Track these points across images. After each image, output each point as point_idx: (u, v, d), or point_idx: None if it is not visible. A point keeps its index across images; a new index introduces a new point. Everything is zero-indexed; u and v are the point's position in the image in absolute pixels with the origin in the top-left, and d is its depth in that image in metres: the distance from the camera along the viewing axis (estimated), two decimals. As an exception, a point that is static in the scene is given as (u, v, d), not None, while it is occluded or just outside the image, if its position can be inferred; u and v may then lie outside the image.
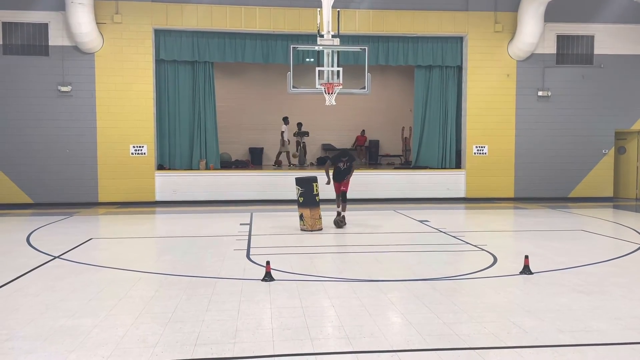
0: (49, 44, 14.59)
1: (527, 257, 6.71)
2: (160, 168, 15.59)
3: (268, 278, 6.20)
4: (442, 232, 9.98)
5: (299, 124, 18.48)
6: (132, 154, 15.00)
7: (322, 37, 10.74)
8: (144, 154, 15.05)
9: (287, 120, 18.06)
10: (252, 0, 15.19)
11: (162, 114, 15.69)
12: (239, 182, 15.57)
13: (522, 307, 5.23)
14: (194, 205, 14.68)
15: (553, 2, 15.16)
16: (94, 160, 14.87)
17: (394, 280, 6.25)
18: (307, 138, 18.81)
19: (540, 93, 16.07)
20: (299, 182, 10.07)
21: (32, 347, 4.22)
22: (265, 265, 6.36)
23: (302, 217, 10.00)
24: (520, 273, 6.55)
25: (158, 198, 15.14)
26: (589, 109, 16.25)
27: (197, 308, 5.17)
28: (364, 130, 21.33)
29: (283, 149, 18.09)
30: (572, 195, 16.33)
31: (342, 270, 6.88)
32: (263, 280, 6.17)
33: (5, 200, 14.45)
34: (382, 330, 4.56)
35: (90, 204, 14.71)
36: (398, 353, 4.07)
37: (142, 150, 15.03)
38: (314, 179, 10.09)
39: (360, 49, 11.67)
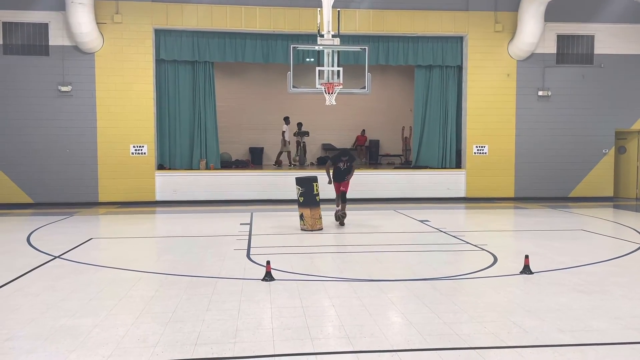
0: (49, 44, 14.59)
1: (527, 256, 6.72)
2: (161, 168, 15.59)
3: (268, 278, 6.20)
4: (442, 231, 9.98)
5: (299, 124, 18.47)
6: (132, 154, 15.00)
7: (322, 36, 10.74)
8: (144, 154, 15.06)
9: (288, 120, 18.06)
10: (252, 0, 15.18)
11: (162, 114, 15.68)
12: (239, 182, 15.58)
13: (522, 306, 5.23)
14: (194, 205, 14.68)
15: (553, 1, 15.16)
16: (94, 160, 14.87)
17: (395, 280, 6.25)
18: (307, 138, 18.81)
19: (541, 93, 16.07)
20: (299, 181, 10.08)
21: (32, 346, 4.22)
22: (266, 265, 6.36)
23: (302, 216, 10.00)
24: (521, 273, 6.56)
25: (158, 198, 15.15)
26: (589, 109, 16.25)
27: (197, 308, 5.17)
28: (364, 130, 21.34)
29: (284, 149, 18.09)
30: (572, 195, 16.33)
31: (342, 270, 6.88)
32: (263, 280, 6.17)
33: (6, 200, 14.46)
34: (382, 330, 4.56)
35: (91, 204, 14.72)
36: (398, 353, 4.07)
37: (142, 150, 15.03)
38: (314, 179, 10.09)
39: (361, 49, 11.66)
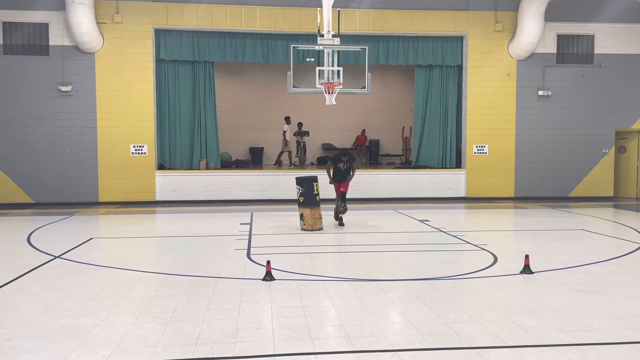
0: (50, 44, 14.59)
1: (527, 256, 6.72)
2: (161, 168, 15.59)
3: (268, 277, 6.20)
4: (442, 231, 9.98)
5: (300, 124, 18.47)
6: (132, 154, 15.00)
7: (322, 36, 10.74)
8: (145, 154, 15.06)
9: (289, 120, 18.05)
10: (252, 0, 15.19)
11: (162, 114, 15.68)
12: (240, 181, 15.58)
13: (522, 306, 5.23)
14: (195, 205, 14.68)
15: (553, 1, 15.16)
16: (95, 160, 14.88)
17: (395, 280, 6.25)
18: (307, 138, 18.81)
19: (541, 92, 16.07)
20: (300, 181, 10.08)
21: (33, 346, 4.22)
22: (266, 265, 6.36)
23: (302, 216, 10.00)
24: (521, 272, 6.56)
25: (158, 198, 15.15)
26: (590, 109, 16.25)
27: (197, 307, 5.17)
28: (365, 130, 21.34)
29: (286, 149, 18.08)
30: (572, 195, 16.33)
31: (342, 270, 6.88)
32: (263, 280, 6.17)
33: (6, 200, 14.46)
34: (382, 330, 4.56)
35: (91, 204, 14.72)
36: (399, 352, 4.07)
37: (142, 150, 15.03)
38: (315, 179, 10.10)
39: (361, 49, 11.65)
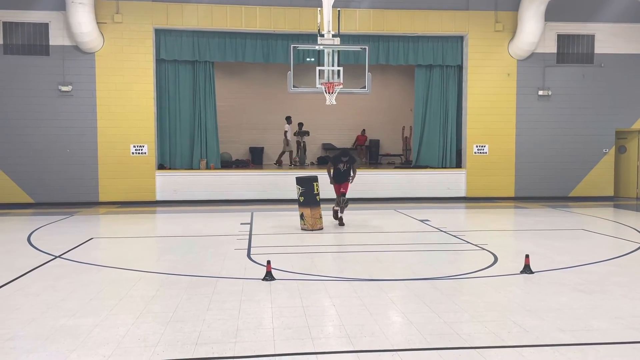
0: (50, 44, 14.59)
1: (527, 256, 6.72)
2: (161, 168, 15.59)
3: (269, 277, 6.20)
4: (442, 231, 9.98)
5: (300, 124, 18.47)
6: (132, 154, 15.00)
7: (322, 36, 10.74)
8: (145, 154, 15.06)
9: (290, 120, 18.05)
10: (252, 0, 15.19)
11: (162, 114, 15.68)
12: (240, 181, 15.58)
13: (522, 306, 5.23)
14: (195, 205, 14.68)
15: (553, 1, 15.15)
16: (95, 160, 14.87)
17: (395, 280, 6.25)
18: (307, 137, 18.81)
19: (541, 92, 16.06)
20: (300, 181, 10.08)
21: (33, 346, 4.23)
22: (266, 265, 6.36)
23: (302, 216, 10.00)
24: (521, 272, 6.56)
25: (159, 198, 15.15)
26: (590, 108, 16.24)
27: (197, 307, 5.17)
28: (365, 130, 21.34)
29: (287, 149, 18.08)
30: (572, 195, 16.32)
31: (342, 270, 6.88)
32: (264, 280, 6.17)
33: (6, 200, 14.45)
34: (382, 330, 4.56)
35: (91, 204, 14.72)
36: (399, 352, 4.07)
37: (142, 150, 15.03)
38: (315, 179, 10.10)
39: (361, 49, 11.65)
